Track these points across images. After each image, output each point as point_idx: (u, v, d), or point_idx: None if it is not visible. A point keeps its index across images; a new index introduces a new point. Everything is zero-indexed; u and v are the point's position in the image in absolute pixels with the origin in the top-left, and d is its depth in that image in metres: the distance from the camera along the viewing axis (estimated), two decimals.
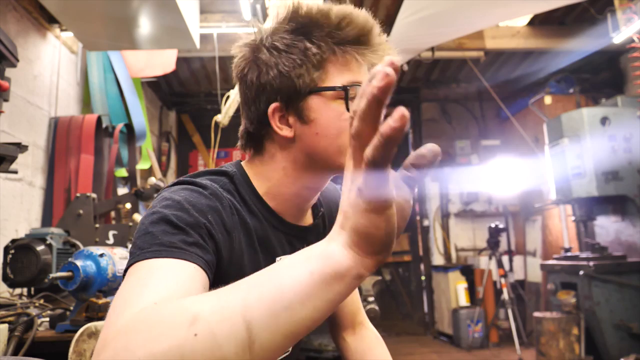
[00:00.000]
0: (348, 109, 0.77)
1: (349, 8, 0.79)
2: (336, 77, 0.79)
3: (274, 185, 0.84)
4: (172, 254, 0.63)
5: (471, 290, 5.21)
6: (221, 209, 0.75)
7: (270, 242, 0.84)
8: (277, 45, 0.80)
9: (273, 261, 0.83)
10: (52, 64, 3.08)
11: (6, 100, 1.66)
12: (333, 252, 0.45)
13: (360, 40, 0.79)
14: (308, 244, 0.89)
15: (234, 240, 0.77)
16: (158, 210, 0.69)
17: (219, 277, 0.71)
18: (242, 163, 0.87)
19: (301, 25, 0.79)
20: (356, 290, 1.11)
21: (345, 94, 0.78)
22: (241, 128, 0.87)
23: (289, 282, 0.44)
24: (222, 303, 0.45)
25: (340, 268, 0.44)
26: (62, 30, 3.14)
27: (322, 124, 0.79)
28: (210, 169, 0.84)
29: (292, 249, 0.88)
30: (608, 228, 3.86)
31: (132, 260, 0.64)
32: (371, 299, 3.71)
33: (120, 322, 0.50)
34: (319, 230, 0.95)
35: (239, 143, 0.88)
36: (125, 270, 0.65)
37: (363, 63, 0.80)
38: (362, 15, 0.79)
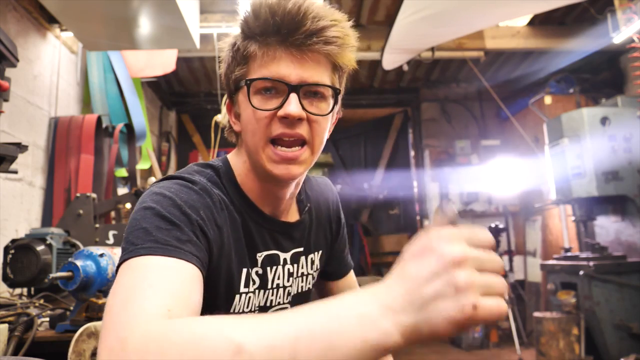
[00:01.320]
0: (251, 104, 0.76)
1: None
2: (255, 73, 0.77)
3: (243, 178, 0.84)
4: (168, 252, 0.62)
5: None
6: (212, 205, 0.75)
7: (253, 238, 0.84)
8: (224, 46, 0.84)
9: (255, 257, 0.84)
10: (52, 64, 3.08)
11: (6, 100, 1.66)
12: (390, 333, 0.44)
13: (271, 31, 0.75)
14: (293, 241, 0.89)
15: (223, 235, 0.77)
16: (150, 206, 0.68)
17: (209, 272, 0.71)
18: (228, 155, 0.88)
19: (240, 21, 0.80)
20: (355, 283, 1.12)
21: (247, 88, 0.77)
22: None
23: (340, 343, 0.44)
24: (269, 340, 0.44)
25: (392, 345, 0.44)
26: (62, 30, 3.14)
27: (244, 120, 0.80)
28: (198, 162, 0.85)
29: (275, 244, 0.87)
30: (608, 228, 3.86)
31: (126, 256, 0.62)
32: None
33: (135, 335, 0.48)
34: (305, 226, 0.94)
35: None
36: (118, 266, 0.63)
37: (282, 58, 0.75)
38: (283, 2, 0.74)
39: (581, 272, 3.19)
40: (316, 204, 0.98)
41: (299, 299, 0.94)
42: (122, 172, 3.48)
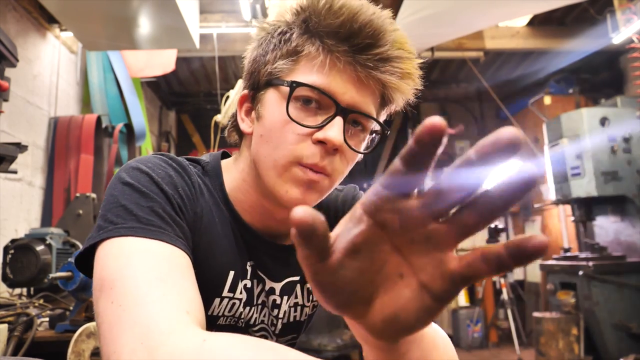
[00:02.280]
0: (288, 112, 0.63)
1: (359, 1, 0.63)
2: (304, 76, 0.64)
3: (234, 187, 0.73)
4: (154, 234, 0.57)
5: (471, 291, 5.21)
6: (191, 185, 0.68)
7: (240, 244, 0.73)
8: (267, 28, 0.70)
9: (245, 265, 0.73)
10: (51, 63, 3.08)
11: (6, 100, 1.66)
12: None
13: (340, 35, 0.62)
14: (287, 267, 0.77)
15: (201, 224, 0.68)
16: (128, 181, 0.62)
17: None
18: (223, 162, 0.78)
19: (300, 10, 0.67)
20: None
21: (289, 91, 0.64)
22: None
23: None
24: None
25: None
26: (61, 30, 3.14)
27: (267, 124, 0.66)
28: (186, 156, 0.75)
29: (264, 269, 0.75)
30: (607, 228, 3.86)
31: (104, 235, 0.57)
32: None
33: (167, 349, 0.44)
34: None
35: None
36: (95, 245, 0.58)
37: (341, 71, 0.63)
38: (364, 8, 0.62)
39: (580, 272, 3.20)
40: (331, 219, 0.82)
41: (289, 328, 0.82)
42: None
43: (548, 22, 4.27)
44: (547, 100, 4.72)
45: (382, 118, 0.72)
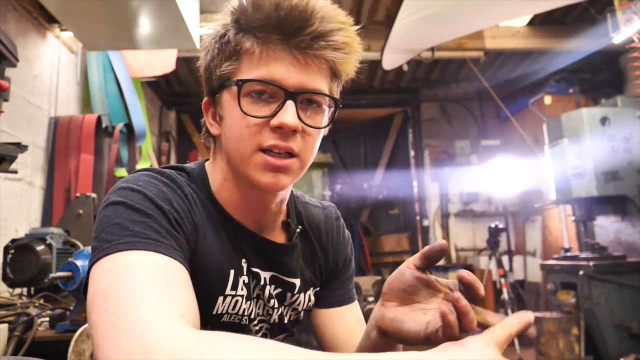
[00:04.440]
0: (241, 109, 0.67)
1: None
2: (247, 72, 0.68)
3: (218, 188, 0.76)
4: (151, 247, 0.58)
5: None
6: (184, 197, 0.70)
7: (224, 253, 0.74)
8: (211, 32, 0.73)
9: (240, 263, 0.76)
10: (52, 63, 3.08)
11: (6, 100, 1.66)
12: None
13: (272, 27, 0.65)
14: (282, 265, 0.81)
15: (199, 231, 0.71)
16: (120, 200, 0.63)
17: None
18: (207, 162, 0.81)
19: (234, 10, 0.69)
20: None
21: (237, 90, 0.67)
22: None
23: None
24: None
25: None
26: (62, 30, 3.14)
27: (227, 124, 0.71)
28: (170, 165, 0.78)
29: (254, 262, 0.78)
30: (608, 228, 3.86)
31: (100, 254, 0.57)
32: (371, 299, 3.71)
33: (164, 346, 0.45)
34: (299, 252, 0.84)
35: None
36: (90, 267, 0.58)
37: (281, 59, 0.66)
38: None
39: (581, 272, 3.19)
40: (315, 231, 0.88)
41: (284, 319, 0.85)
42: (122, 172, 3.48)
43: (548, 22, 4.27)
44: (547, 100, 4.72)
45: (338, 90, 0.76)
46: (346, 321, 0.89)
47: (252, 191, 0.74)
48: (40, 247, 1.80)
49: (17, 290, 1.99)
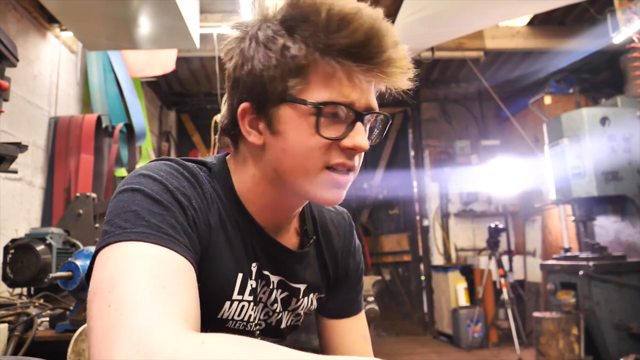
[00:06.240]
0: (318, 131, 0.65)
1: (355, 6, 0.63)
2: (317, 91, 0.65)
3: (245, 190, 0.74)
4: (164, 242, 0.56)
5: (471, 290, 5.21)
6: (203, 196, 0.69)
7: (236, 256, 0.74)
8: (258, 37, 0.67)
9: (250, 267, 0.75)
10: (52, 63, 3.08)
11: (6, 100, 1.66)
12: None
13: (355, 52, 0.63)
14: (290, 270, 0.80)
15: (212, 233, 0.69)
16: (139, 188, 0.61)
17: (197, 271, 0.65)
18: (227, 157, 0.78)
19: (290, 18, 0.66)
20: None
21: (316, 113, 0.65)
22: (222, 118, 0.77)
23: None
24: None
25: None
26: (62, 30, 3.14)
27: (289, 139, 0.67)
28: (190, 158, 0.76)
29: (265, 266, 0.77)
30: (608, 228, 3.86)
31: (111, 239, 0.55)
32: (371, 299, 3.71)
33: (167, 354, 0.44)
34: (309, 259, 0.84)
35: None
36: (99, 250, 0.56)
37: (357, 82, 0.65)
38: (368, 18, 0.62)
39: (581, 272, 3.20)
40: (327, 240, 0.89)
41: (285, 320, 0.85)
42: (122, 172, 3.48)
43: (548, 22, 4.27)
44: (547, 100, 4.72)
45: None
46: (351, 336, 0.91)
47: (288, 199, 0.74)
48: (40, 247, 1.80)
49: (17, 290, 1.99)
